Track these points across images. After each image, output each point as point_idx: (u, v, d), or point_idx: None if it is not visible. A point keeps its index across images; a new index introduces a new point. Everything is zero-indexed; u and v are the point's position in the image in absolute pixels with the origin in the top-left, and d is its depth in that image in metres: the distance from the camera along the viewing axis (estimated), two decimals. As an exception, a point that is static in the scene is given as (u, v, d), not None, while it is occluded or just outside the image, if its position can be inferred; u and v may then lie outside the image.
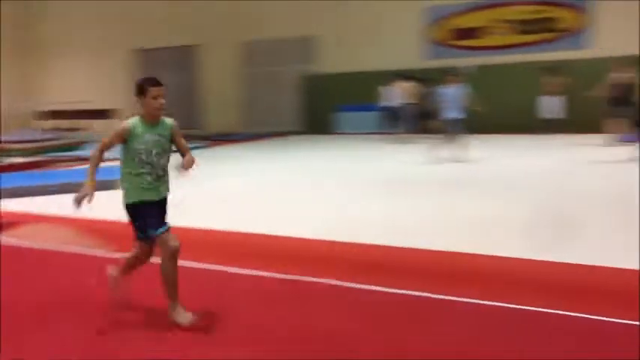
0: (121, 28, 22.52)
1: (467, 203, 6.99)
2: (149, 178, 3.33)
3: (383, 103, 15.67)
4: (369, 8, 18.41)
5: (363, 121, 17.77)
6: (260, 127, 19.72)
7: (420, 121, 15.04)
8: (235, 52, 21.09)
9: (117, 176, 3.36)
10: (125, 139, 3.30)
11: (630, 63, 11.50)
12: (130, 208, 3.36)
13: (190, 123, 20.78)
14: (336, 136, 17.73)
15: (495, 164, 10.25)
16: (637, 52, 13.27)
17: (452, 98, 10.68)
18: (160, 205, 3.42)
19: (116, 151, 3.37)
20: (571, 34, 16.42)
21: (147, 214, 3.32)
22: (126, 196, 3.36)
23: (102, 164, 3.35)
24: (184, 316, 3.31)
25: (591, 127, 13.16)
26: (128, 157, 3.32)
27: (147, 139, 3.31)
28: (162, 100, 3.32)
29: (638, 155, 9.77)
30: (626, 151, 10.24)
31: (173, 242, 3.30)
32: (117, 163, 3.36)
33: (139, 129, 3.31)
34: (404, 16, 18.11)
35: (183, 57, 22.04)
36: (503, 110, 14.95)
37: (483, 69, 16.24)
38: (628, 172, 8.85)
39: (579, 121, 13.90)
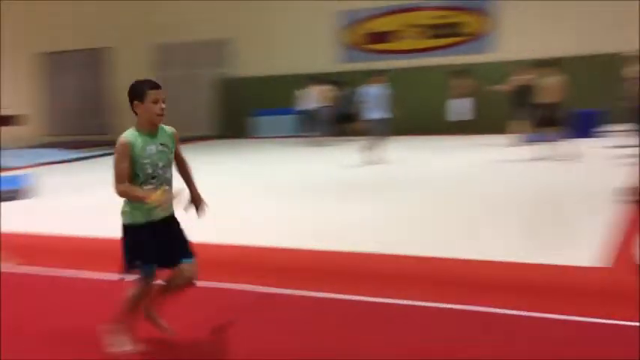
0: (23, 31, 21.42)
1: (384, 204, 7.14)
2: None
3: (300, 106, 15.76)
4: (285, 11, 18.43)
5: (281, 125, 17.77)
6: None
7: (337, 124, 15.22)
8: (148, 55, 20.55)
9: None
10: (130, 155, 2.91)
11: (532, 65, 12.06)
12: (133, 230, 2.99)
13: (100, 128, 20.08)
14: (254, 140, 17.64)
15: (411, 166, 10.47)
16: (538, 56, 13.94)
17: (375, 98, 10.61)
18: (170, 225, 3.09)
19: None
20: (476, 39, 17.14)
21: (156, 234, 2.97)
22: (130, 216, 3.00)
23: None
24: (123, 343, 3.03)
25: (497, 128, 13.77)
26: (132, 173, 2.94)
27: (150, 151, 2.95)
28: (163, 105, 2.96)
29: (540, 154, 10.33)
30: (530, 150, 10.79)
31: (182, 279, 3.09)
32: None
33: (139, 141, 2.93)
34: (319, 19, 18.26)
35: (92, 60, 21.24)
36: (415, 112, 15.36)
37: (395, 72, 16.60)
38: (531, 170, 9.36)
39: (486, 122, 14.50)
